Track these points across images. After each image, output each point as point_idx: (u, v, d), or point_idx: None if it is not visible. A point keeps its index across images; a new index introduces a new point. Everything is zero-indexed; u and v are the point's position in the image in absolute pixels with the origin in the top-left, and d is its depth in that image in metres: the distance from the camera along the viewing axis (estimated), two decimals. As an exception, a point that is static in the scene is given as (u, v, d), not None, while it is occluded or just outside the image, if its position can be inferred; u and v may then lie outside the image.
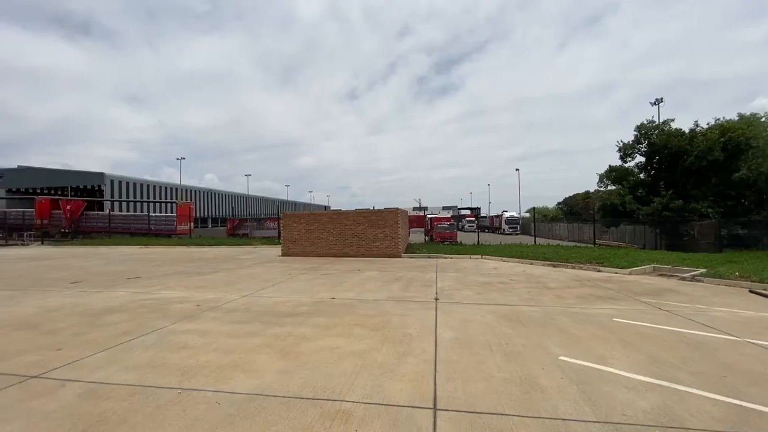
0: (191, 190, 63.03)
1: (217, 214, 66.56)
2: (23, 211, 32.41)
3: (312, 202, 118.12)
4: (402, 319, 5.69)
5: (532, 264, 12.32)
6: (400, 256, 14.36)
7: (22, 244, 24.93)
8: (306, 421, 2.79)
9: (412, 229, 24.46)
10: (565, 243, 22.61)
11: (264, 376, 3.63)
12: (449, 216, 26.04)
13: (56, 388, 3.40)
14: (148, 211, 32.43)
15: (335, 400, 3.12)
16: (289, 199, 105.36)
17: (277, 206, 36.08)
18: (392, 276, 9.95)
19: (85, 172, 47.71)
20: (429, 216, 27.19)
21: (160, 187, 56.55)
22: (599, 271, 10.81)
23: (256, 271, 11.15)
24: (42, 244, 25.14)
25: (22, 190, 46.87)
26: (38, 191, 45.76)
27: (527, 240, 22.52)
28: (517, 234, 41.39)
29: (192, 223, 29.78)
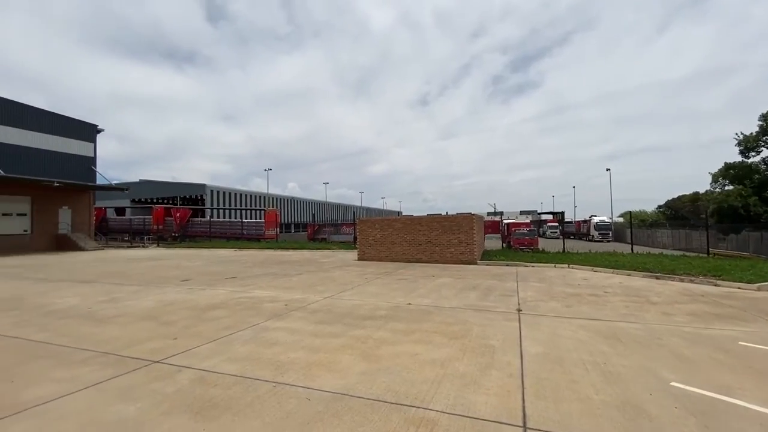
0: (276, 198, 68.44)
1: (298, 220, 71.32)
2: (144, 218, 38.21)
3: (384, 208, 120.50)
4: (482, 329, 5.47)
5: (629, 275, 11.03)
6: (475, 263, 13.92)
7: (143, 246, 29.36)
8: (391, 426, 2.82)
9: (486, 235, 23.58)
10: (668, 252, 19.86)
11: (348, 376, 3.76)
12: (528, 221, 24.51)
13: (174, 373, 3.90)
14: (241, 218, 36.07)
15: (418, 407, 3.10)
16: (363, 205, 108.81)
17: (353, 212, 37.48)
18: (468, 283, 9.67)
19: (191, 184, 54.63)
20: (506, 221, 25.91)
21: (250, 196, 62.41)
22: (716, 285, 9.28)
23: (335, 274, 11.67)
24: (158, 246, 29.34)
25: (143, 200, 55.25)
26: (155, 201, 53.54)
27: (621, 248, 20.25)
28: (608, 241, 37.52)
29: (278, 229, 32.31)
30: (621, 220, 51.05)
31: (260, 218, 38.09)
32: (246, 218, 36.36)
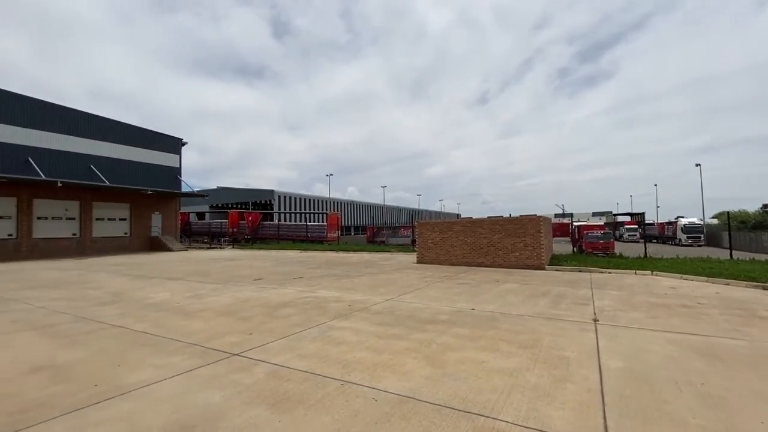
0: (337, 202, 70.85)
1: (358, 223, 73.08)
2: (220, 222, 41.76)
3: (442, 210, 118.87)
4: (554, 339, 5.14)
5: (728, 284, 9.67)
6: (543, 268, 13.15)
7: (220, 247, 32.08)
8: (459, 434, 2.75)
9: (554, 239, 22.17)
10: (779, 258, 17.05)
11: (413, 379, 3.75)
12: (602, 223, 22.57)
13: (251, 366, 4.20)
14: (306, 221, 37.96)
15: (487, 417, 2.99)
16: (421, 207, 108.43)
17: (411, 215, 37.56)
18: (536, 290, 9.16)
19: (260, 190, 58.64)
20: (576, 223, 24.14)
21: (313, 200, 65.32)
22: None
23: (395, 276, 11.75)
24: (233, 247, 31.88)
25: (220, 205, 60.44)
26: (229, 206, 58.29)
27: (716, 253, 17.84)
28: (699, 245, 33.33)
29: (339, 231, 33.41)
30: (714, 221, 44.92)
31: (323, 221, 39.68)
32: (310, 221, 38.18)
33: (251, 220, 36.77)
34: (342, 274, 12.58)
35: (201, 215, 54.96)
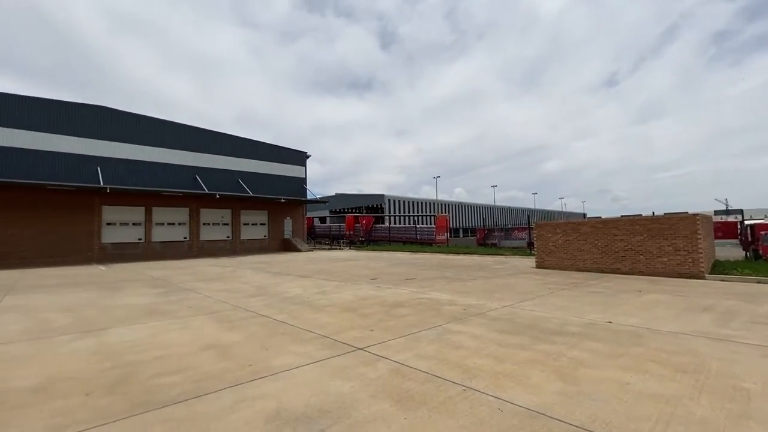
0: (444, 204, 70.39)
1: (466, 224, 71.38)
2: (339, 225, 45.46)
3: (563, 210, 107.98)
4: (726, 365, 4.16)
5: None
6: (702, 277, 10.82)
7: (339, 248, 34.87)
8: (605, 463, 2.42)
9: (716, 241, 18.05)
10: None
11: (542, 394, 3.45)
12: (790, 222, 17.45)
13: (374, 361, 4.42)
14: (415, 224, 38.73)
15: (640, 449, 2.57)
16: (537, 207, 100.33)
17: (528, 216, 34.98)
18: (695, 303, 7.57)
19: (372, 195, 61.95)
20: (748, 222, 19.25)
21: (420, 203, 66.17)
22: None
23: (511, 281, 11.08)
24: (350, 248, 34.35)
25: (338, 210, 65.85)
26: (346, 210, 63.01)
27: None
28: None
29: (448, 233, 33.13)
30: None
31: (431, 223, 39.87)
32: (419, 224, 38.79)
33: (365, 223, 39.10)
34: (454, 276, 12.40)
35: (323, 219, 60.77)
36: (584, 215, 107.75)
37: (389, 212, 57.20)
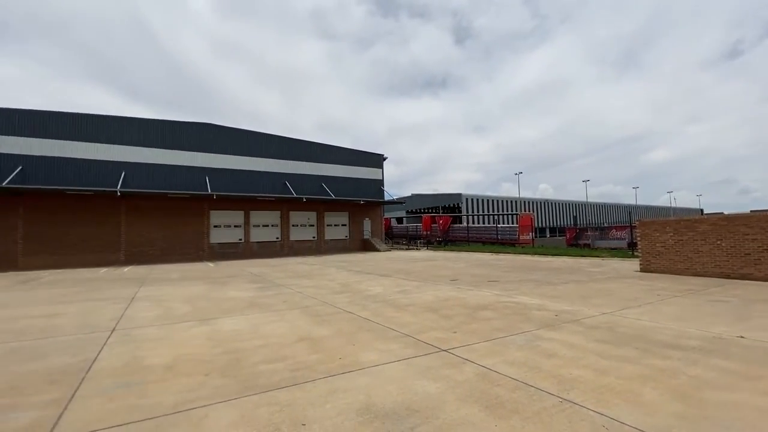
0: (527, 202, 66.29)
1: (553, 223, 66.32)
2: (416, 225, 45.63)
3: (673, 205, 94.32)
4: None
5: None
6: None
7: (416, 249, 34.98)
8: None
9: None
10: None
11: (656, 414, 3.04)
12: None
13: (460, 363, 4.33)
14: (496, 223, 37.15)
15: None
16: (639, 203, 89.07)
17: (629, 213, 31.32)
18: None
19: (449, 194, 60.96)
20: None
21: (501, 201, 63.22)
22: None
23: (610, 286, 9.99)
24: (427, 248, 34.24)
25: (414, 210, 66.12)
26: (422, 210, 62.98)
27: None
28: None
29: (533, 233, 31.14)
30: None
31: (513, 222, 37.86)
32: (499, 223, 37.10)
33: (442, 223, 38.65)
34: (542, 279, 11.60)
35: (400, 220, 61.59)
36: (701, 211, 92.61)
37: (467, 212, 55.69)
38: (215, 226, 28.05)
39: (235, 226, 28.87)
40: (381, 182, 36.04)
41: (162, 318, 7.23)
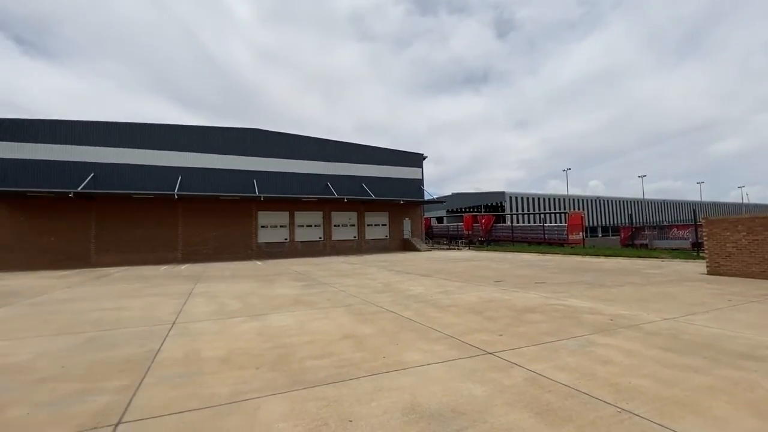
0: (577, 199, 63.00)
1: (606, 222, 62.56)
2: (457, 225, 44.91)
3: (745, 201, 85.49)
4: None
5: None
6: None
7: (457, 249, 34.41)
8: None
9: None
10: None
11: (730, 430, 2.77)
12: None
13: (507, 367, 4.20)
14: (542, 222, 35.61)
15: None
16: (705, 199, 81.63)
17: (693, 210, 28.86)
18: None
19: (491, 192, 59.36)
20: None
21: (547, 199, 60.56)
22: None
23: (672, 290, 9.24)
24: (468, 248, 33.57)
25: (454, 209, 65.06)
26: (463, 210, 61.81)
27: None
28: None
29: (583, 232, 29.53)
30: None
31: (561, 221, 36.11)
32: (546, 222, 35.51)
33: (484, 222, 37.71)
34: (594, 282, 10.97)
35: (440, 219, 60.91)
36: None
37: (510, 210, 53.85)
38: (262, 227, 29.32)
39: (280, 226, 30.01)
40: (420, 182, 35.84)
41: (216, 313, 7.68)
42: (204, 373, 4.25)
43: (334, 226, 32.01)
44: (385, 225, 34.34)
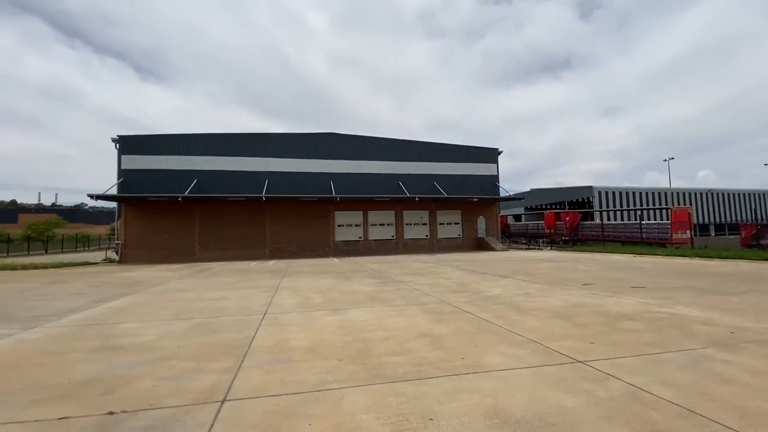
0: (682, 193, 55.16)
1: (720, 218, 53.79)
2: (537, 223, 42.20)
3: None
4: None
5: None
6: None
7: (538, 248, 32.32)
8: None
9: None
10: None
11: None
12: None
13: (601, 378, 3.83)
14: (639, 219, 31.75)
15: None
16: None
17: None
18: None
19: (576, 187, 54.67)
20: None
21: (644, 193, 53.92)
22: None
23: (817, 300, 7.60)
24: (550, 248, 31.34)
25: (534, 207, 61.22)
26: (544, 207, 57.89)
27: None
28: None
29: (691, 231, 25.74)
30: None
31: (663, 218, 31.85)
32: (643, 219, 31.56)
33: (569, 220, 34.88)
34: (707, 288, 9.50)
35: (517, 217, 57.84)
36: None
37: (600, 206, 48.98)
38: (339, 225, 30.70)
39: (355, 225, 31.12)
40: (495, 178, 34.40)
41: (301, 306, 8.24)
42: (293, 361, 4.59)
43: (406, 224, 32.24)
44: (458, 223, 33.62)
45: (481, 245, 32.39)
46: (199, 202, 27.50)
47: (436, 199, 31.34)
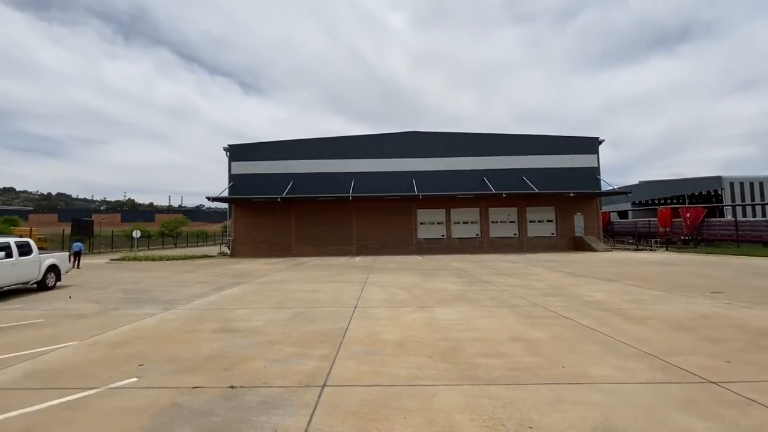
0: None
1: None
2: (648, 221, 36.97)
3: None
4: None
5: None
6: None
7: (650, 249, 28.33)
8: None
9: None
10: None
11: None
12: None
13: (741, 403, 3.23)
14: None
15: None
16: None
17: None
18: None
19: (699, 178, 46.57)
20: None
21: (799, 184, 43.64)
22: None
23: None
24: (666, 250, 27.24)
25: (643, 202, 53.73)
26: (657, 201, 50.51)
27: None
28: None
29: None
30: None
31: (826, 215, 25.39)
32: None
33: (690, 216, 29.89)
34: None
35: (623, 214, 51.41)
36: None
37: (732, 200, 40.96)
38: (421, 223, 30.77)
39: (437, 223, 30.87)
40: (596, 170, 31.04)
41: (388, 301, 8.47)
42: (384, 353, 4.75)
43: (492, 222, 30.92)
44: (551, 221, 31.15)
45: (579, 245, 29.55)
46: (294, 203, 29.98)
47: (526, 195, 29.46)
